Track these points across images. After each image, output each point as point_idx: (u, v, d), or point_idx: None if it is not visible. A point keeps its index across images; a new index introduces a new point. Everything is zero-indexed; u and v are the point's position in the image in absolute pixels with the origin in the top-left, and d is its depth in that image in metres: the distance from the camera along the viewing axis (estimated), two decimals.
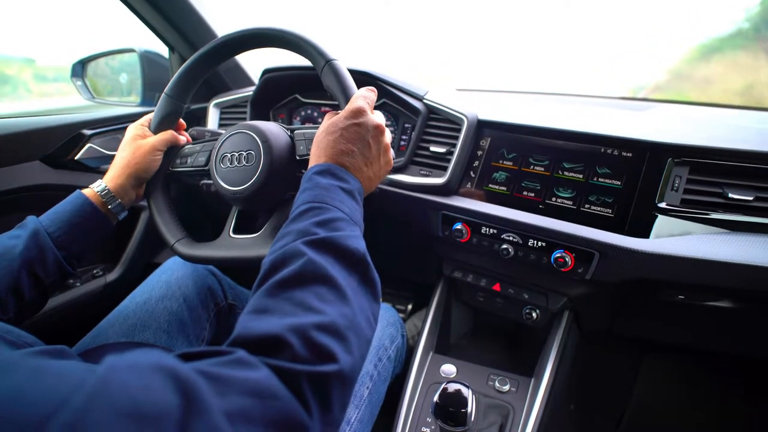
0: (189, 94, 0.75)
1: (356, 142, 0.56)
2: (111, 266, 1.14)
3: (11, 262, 0.57)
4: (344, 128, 0.57)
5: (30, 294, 0.59)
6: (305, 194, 0.51)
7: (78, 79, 1.18)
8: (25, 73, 2.15)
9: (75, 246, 0.64)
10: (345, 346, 0.38)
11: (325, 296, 0.40)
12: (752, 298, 0.73)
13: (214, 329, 0.80)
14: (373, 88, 0.64)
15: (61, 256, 0.62)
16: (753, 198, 0.68)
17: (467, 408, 0.70)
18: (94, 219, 0.66)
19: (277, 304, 0.38)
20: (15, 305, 0.57)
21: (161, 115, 0.74)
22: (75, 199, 0.66)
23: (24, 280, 0.58)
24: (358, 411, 0.70)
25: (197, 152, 0.75)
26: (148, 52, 1.16)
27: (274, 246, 0.46)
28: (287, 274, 0.40)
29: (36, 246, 0.59)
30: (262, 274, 0.43)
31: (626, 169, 0.75)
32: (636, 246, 0.69)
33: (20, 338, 0.54)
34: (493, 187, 0.84)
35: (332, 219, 0.48)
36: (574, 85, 1.50)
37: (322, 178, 0.52)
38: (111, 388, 0.25)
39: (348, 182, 0.54)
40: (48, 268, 0.60)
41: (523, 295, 0.89)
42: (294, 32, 0.66)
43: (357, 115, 0.58)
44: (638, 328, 0.97)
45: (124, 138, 0.72)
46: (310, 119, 1.08)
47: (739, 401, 1.11)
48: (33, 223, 0.61)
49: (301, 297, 0.39)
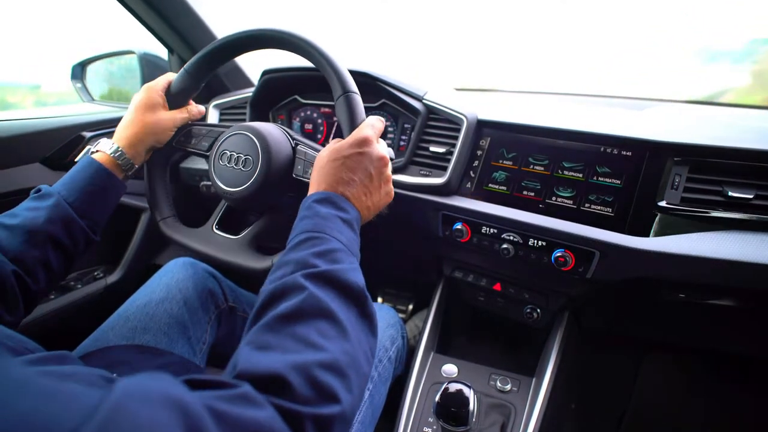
0: (206, 76, 0.76)
1: (358, 172, 0.56)
2: (111, 268, 1.14)
3: (36, 236, 0.57)
4: (347, 156, 0.57)
5: (57, 264, 0.60)
6: (304, 222, 0.51)
7: (77, 81, 1.18)
8: (28, 100, 2.15)
9: (96, 214, 0.65)
10: (346, 384, 0.38)
11: (326, 332, 0.40)
12: (753, 297, 0.73)
13: (214, 331, 0.80)
14: (382, 118, 0.65)
15: (86, 225, 0.63)
16: (753, 196, 0.68)
17: (469, 408, 0.70)
18: (110, 184, 0.67)
19: (279, 340, 0.38)
20: (45, 276, 0.59)
21: (178, 89, 0.75)
22: (88, 166, 0.66)
23: (51, 253, 0.59)
24: (359, 412, 0.70)
25: (203, 136, 0.76)
26: (148, 54, 1.16)
27: (273, 275, 0.46)
28: (288, 308, 0.40)
29: (60, 219, 0.60)
30: (260, 303, 0.43)
31: (626, 168, 0.75)
32: (636, 245, 0.69)
33: (21, 344, 0.54)
34: (493, 187, 0.84)
35: (331, 250, 0.48)
36: (576, 84, 1.49)
37: (321, 207, 0.52)
38: (121, 420, 0.25)
39: (347, 212, 0.54)
40: (75, 239, 0.62)
41: (524, 294, 0.89)
42: (324, 52, 0.65)
43: (362, 144, 0.58)
44: (639, 328, 0.97)
45: (143, 100, 0.72)
46: (309, 120, 1.08)
47: (739, 400, 1.11)
48: (52, 193, 0.61)
49: (302, 332, 0.39)
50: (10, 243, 0.56)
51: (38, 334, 0.95)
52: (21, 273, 0.56)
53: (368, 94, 0.93)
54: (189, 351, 0.73)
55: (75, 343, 0.71)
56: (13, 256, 0.55)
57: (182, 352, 0.72)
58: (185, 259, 0.85)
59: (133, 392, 0.27)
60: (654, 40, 1.45)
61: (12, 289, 0.55)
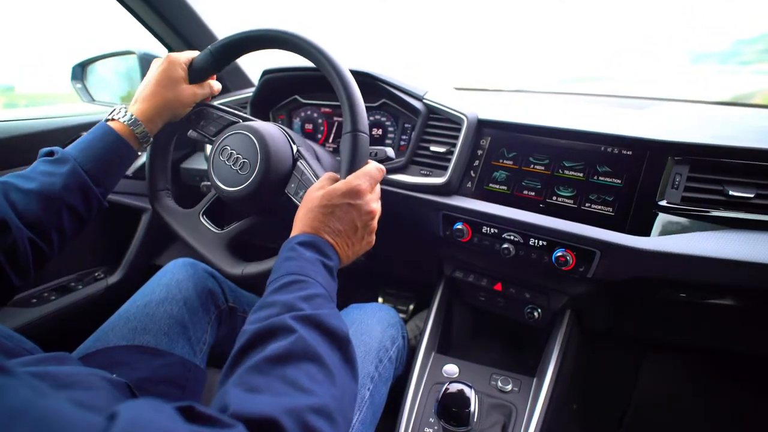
0: (227, 61, 0.75)
1: (345, 223, 0.57)
2: (112, 269, 1.14)
3: (52, 202, 0.58)
4: (338, 206, 0.57)
5: (71, 230, 0.61)
6: (289, 264, 0.51)
7: (77, 82, 1.18)
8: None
9: (109, 182, 0.66)
10: (336, 429, 0.38)
11: (315, 376, 0.40)
12: (753, 296, 0.73)
13: (215, 332, 0.80)
14: (382, 168, 0.65)
15: (99, 193, 0.63)
16: (753, 195, 0.68)
17: (470, 408, 0.69)
18: (125, 154, 0.67)
19: (269, 383, 0.38)
20: (58, 241, 0.60)
21: (201, 66, 0.74)
22: (106, 134, 0.65)
23: (66, 219, 0.59)
24: (360, 412, 0.69)
25: (213, 120, 0.76)
26: (148, 54, 1.16)
27: (258, 314, 0.46)
28: (278, 350, 0.40)
29: (76, 186, 0.60)
30: (246, 341, 0.42)
31: (627, 168, 0.75)
32: (637, 244, 0.69)
33: (20, 344, 0.54)
34: (494, 187, 0.84)
35: (316, 294, 0.48)
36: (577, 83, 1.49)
37: (306, 251, 0.53)
38: None
39: (330, 258, 0.55)
40: (90, 206, 0.62)
41: (525, 294, 0.89)
42: (348, 81, 0.64)
43: (354, 196, 0.58)
44: (640, 327, 0.97)
45: (165, 72, 0.70)
46: (310, 120, 1.08)
47: (741, 399, 1.11)
48: (68, 159, 0.61)
49: (293, 376, 0.39)
50: (26, 208, 0.56)
51: (40, 334, 0.95)
52: (36, 239, 0.57)
53: (369, 93, 0.93)
54: (189, 351, 0.73)
55: (76, 344, 0.71)
56: (28, 222, 0.56)
57: (182, 353, 0.72)
58: (185, 260, 0.85)
59: (136, 423, 0.27)
60: (652, 40, 1.45)
61: (25, 254, 0.55)
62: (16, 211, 0.55)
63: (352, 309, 0.86)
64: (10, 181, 0.57)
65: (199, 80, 0.75)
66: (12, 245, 0.54)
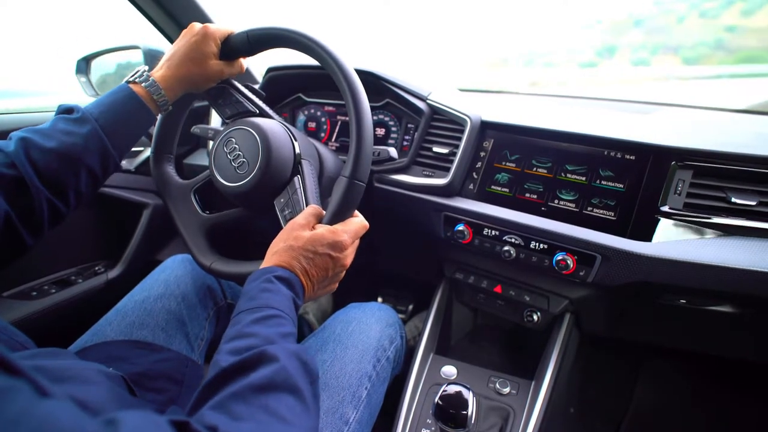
0: (260, 49, 0.73)
1: (320, 270, 0.60)
2: (113, 263, 1.14)
3: (72, 162, 0.58)
4: (319, 255, 0.59)
5: (87, 190, 0.61)
6: (269, 296, 0.52)
7: (82, 76, 1.18)
8: None
9: (125, 145, 0.66)
10: None
11: (294, 408, 0.41)
12: (753, 303, 0.73)
13: (213, 328, 0.80)
14: (366, 225, 0.66)
15: (116, 156, 0.64)
16: (756, 203, 0.68)
17: (468, 410, 0.69)
18: (144, 118, 0.67)
19: (252, 412, 0.39)
20: (75, 200, 0.60)
21: (235, 46, 0.72)
22: (128, 97, 0.65)
23: (84, 180, 0.60)
24: (356, 411, 0.69)
25: (232, 103, 0.75)
26: (153, 49, 1.16)
27: (237, 343, 0.46)
28: (260, 379, 0.41)
29: (97, 150, 0.60)
30: (228, 367, 0.43)
31: (629, 172, 0.74)
32: (638, 249, 0.69)
33: (13, 337, 0.54)
34: (496, 189, 0.83)
35: (290, 333, 0.50)
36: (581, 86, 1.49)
37: (285, 287, 0.55)
38: None
39: (300, 298, 0.57)
40: (107, 168, 0.63)
41: (524, 297, 0.89)
42: (364, 121, 0.63)
43: (336, 249, 0.60)
44: (639, 332, 0.96)
45: (197, 44, 0.68)
46: (313, 118, 1.08)
47: (739, 406, 1.11)
48: (88, 119, 0.60)
49: (274, 406, 0.40)
50: (47, 167, 0.56)
51: (39, 327, 0.95)
52: (53, 199, 0.57)
53: (372, 93, 0.93)
54: (187, 347, 0.73)
55: (75, 337, 0.71)
56: (47, 180, 0.56)
57: (180, 349, 0.72)
58: (184, 256, 0.84)
59: None
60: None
61: (41, 213, 0.55)
62: (36, 170, 0.55)
63: (351, 308, 0.86)
64: (30, 138, 0.56)
65: (227, 58, 0.73)
66: (29, 204, 0.54)
